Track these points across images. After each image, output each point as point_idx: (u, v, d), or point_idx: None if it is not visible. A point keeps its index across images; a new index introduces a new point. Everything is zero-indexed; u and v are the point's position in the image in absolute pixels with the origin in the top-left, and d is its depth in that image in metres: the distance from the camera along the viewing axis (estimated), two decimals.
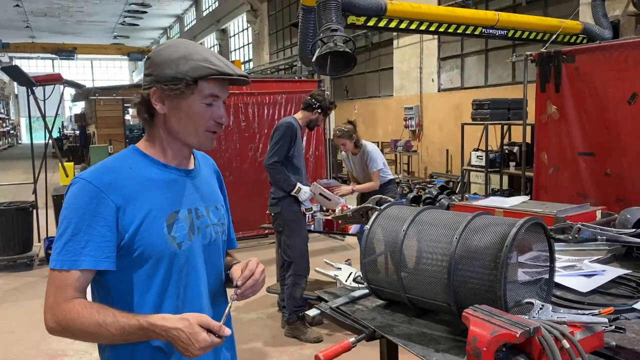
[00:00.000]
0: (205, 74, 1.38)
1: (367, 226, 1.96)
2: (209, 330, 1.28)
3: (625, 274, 2.23)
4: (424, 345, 1.72)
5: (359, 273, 2.05)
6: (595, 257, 2.55)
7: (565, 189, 4.15)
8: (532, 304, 1.62)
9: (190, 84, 1.38)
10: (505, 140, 8.69)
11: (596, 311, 1.51)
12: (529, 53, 4.32)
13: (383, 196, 2.13)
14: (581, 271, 2.34)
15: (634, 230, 2.02)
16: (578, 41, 7.20)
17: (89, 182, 1.36)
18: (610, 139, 3.83)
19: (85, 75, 45.65)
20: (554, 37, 6.66)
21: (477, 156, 8.38)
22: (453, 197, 7.93)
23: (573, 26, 7.17)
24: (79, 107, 24.12)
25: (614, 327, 1.52)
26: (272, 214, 4.29)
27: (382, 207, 1.99)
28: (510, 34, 7.02)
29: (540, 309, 1.58)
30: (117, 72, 50.80)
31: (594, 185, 3.98)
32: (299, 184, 4.19)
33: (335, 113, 12.05)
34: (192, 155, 1.58)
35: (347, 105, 16.13)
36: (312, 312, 2.00)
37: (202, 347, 1.26)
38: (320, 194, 4.32)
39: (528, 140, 6.49)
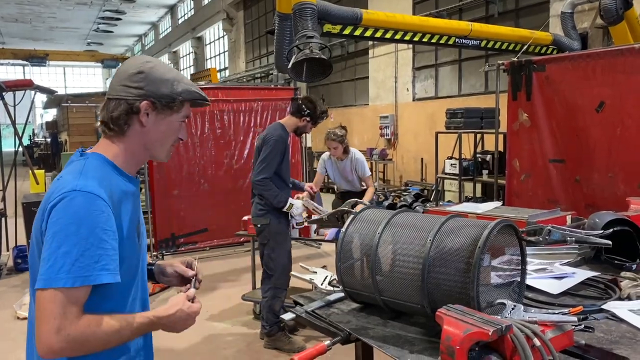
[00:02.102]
0: (193, 98, 1.54)
1: (343, 229, 1.97)
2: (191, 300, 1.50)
3: (594, 276, 2.29)
4: (399, 347, 1.73)
5: (335, 276, 2.06)
6: (565, 261, 2.61)
7: (537, 195, 4.24)
8: (504, 304, 1.65)
9: (179, 104, 1.52)
10: (478, 149, 8.83)
11: (566, 311, 1.54)
12: (501, 62, 4.41)
13: (359, 200, 2.14)
14: (552, 274, 2.39)
15: (602, 232, 2.07)
16: (548, 52, 7.37)
17: (96, 195, 1.35)
18: (580, 146, 3.92)
19: (57, 83, 44.84)
20: (525, 47, 6.80)
21: (451, 164, 8.49)
22: (427, 205, 7.99)
23: (543, 37, 7.34)
24: (51, 114, 23.70)
25: (583, 326, 1.55)
26: (258, 225, 4.17)
27: (357, 211, 2.01)
28: (483, 44, 7.15)
29: (512, 309, 1.61)
30: (91, 79, 50.05)
31: (564, 191, 4.07)
32: (290, 200, 4.11)
33: None
34: None
35: None
36: (288, 316, 1.99)
37: (196, 311, 1.49)
38: (313, 209, 4.29)
39: (500, 148, 6.60)
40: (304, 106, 4.14)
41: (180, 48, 31.68)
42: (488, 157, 8.17)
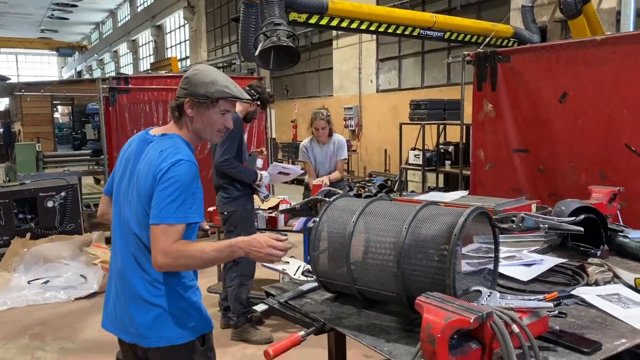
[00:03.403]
0: (224, 96, 1.99)
1: (317, 218, 1.93)
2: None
3: (562, 263, 2.33)
4: (374, 336, 1.71)
5: (308, 266, 2.02)
6: (533, 248, 2.64)
7: (501, 185, 4.30)
8: (479, 291, 1.65)
9: (214, 101, 1.98)
10: (441, 140, 8.93)
11: (541, 297, 1.55)
12: (466, 53, 4.45)
13: (332, 188, 2.10)
14: (521, 261, 2.42)
15: (574, 218, 2.11)
16: (510, 45, 7.50)
17: (193, 162, 1.91)
18: (543, 136, 3.99)
19: (9, 71, 42.95)
20: (487, 40, 6.90)
21: (415, 155, 8.56)
22: (392, 195, 8.05)
23: (505, 30, 7.46)
24: (3, 103, 22.74)
25: (557, 312, 1.57)
26: (224, 213, 4.12)
27: (331, 199, 1.97)
28: (446, 36, 7.22)
29: (489, 296, 1.61)
30: (45, 67, 48.28)
31: (527, 180, 4.14)
32: (259, 172, 4.11)
33: (276, 112, 12.00)
34: None
35: (287, 104, 16.10)
36: (260, 307, 1.95)
37: (274, 245, 1.86)
38: (280, 172, 4.30)
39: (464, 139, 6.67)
40: (252, 91, 4.14)
41: (139, 37, 30.87)
42: (450, 148, 8.27)
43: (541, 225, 1.79)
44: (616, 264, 2.27)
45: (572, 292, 1.99)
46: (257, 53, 4.37)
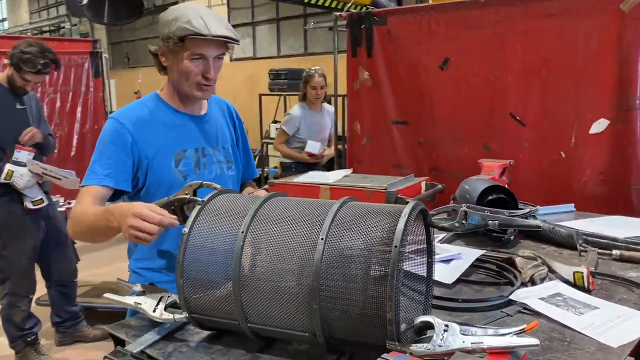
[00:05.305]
0: (184, 34, 1.61)
1: (186, 229, 1.30)
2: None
3: (483, 256, 1.97)
4: None
5: (174, 298, 1.39)
6: (441, 237, 2.28)
7: (380, 160, 3.96)
8: (429, 323, 1.17)
9: (177, 42, 1.63)
10: None
11: (520, 328, 1.11)
12: (338, 14, 3.98)
13: (205, 182, 1.48)
14: (437, 256, 2.03)
15: (528, 210, 1.73)
16: None
17: (115, 119, 1.70)
18: (424, 106, 3.70)
19: None
20: (349, 6, 6.56)
21: (276, 128, 8.04)
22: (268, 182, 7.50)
23: None
24: None
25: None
26: None
27: (205, 199, 1.35)
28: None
29: (445, 331, 1.14)
30: None
31: (407, 155, 3.85)
32: (8, 166, 3.20)
33: (117, 83, 10.65)
34: (203, 101, 1.87)
35: (129, 74, 14.54)
36: None
37: (140, 213, 1.38)
38: (45, 174, 3.32)
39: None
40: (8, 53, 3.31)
41: None
42: None
43: (489, 221, 1.36)
44: (544, 254, 1.96)
45: (511, 297, 1.62)
46: (84, 2, 3.45)
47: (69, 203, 3.87)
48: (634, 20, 2.84)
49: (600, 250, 2.03)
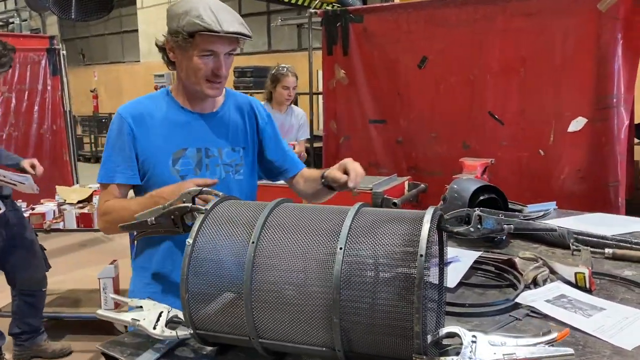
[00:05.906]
0: (195, 30, 1.54)
1: (190, 239, 1.21)
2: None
3: (481, 257, 1.94)
4: None
5: (177, 313, 1.30)
6: None
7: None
8: (456, 334, 1.12)
9: (186, 37, 1.55)
10: None
11: (552, 336, 1.07)
12: (314, 11, 3.91)
13: (205, 188, 1.38)
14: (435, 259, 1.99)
15: (541, 213, 1.70)
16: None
17: (118, 113, 1.68)
18: (402, 105, 3.68)
19: None
20: (316, 3, 6.50)
21: None
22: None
23: None
24: None
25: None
26: None
27: (208, 206, 1.27)
28: None
29: (473, 342, 1.09)
30: None
31: (385, 154, 3.83)
32: None
33: (72, 81, 10.24)
34: (216, 99, 1.76)
35: (84, 71, 14.05)
36: None
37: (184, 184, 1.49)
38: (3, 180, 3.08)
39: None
40: None
41: None
42: None
43: (505, 225, 1.33)
44: (537, 253, 1.95)
45: (517, 300, 1.60)
46: None
47: (32, 209, 3.65)
48: (610, 19, 2.88)
49: (591, 249, 2.03)
